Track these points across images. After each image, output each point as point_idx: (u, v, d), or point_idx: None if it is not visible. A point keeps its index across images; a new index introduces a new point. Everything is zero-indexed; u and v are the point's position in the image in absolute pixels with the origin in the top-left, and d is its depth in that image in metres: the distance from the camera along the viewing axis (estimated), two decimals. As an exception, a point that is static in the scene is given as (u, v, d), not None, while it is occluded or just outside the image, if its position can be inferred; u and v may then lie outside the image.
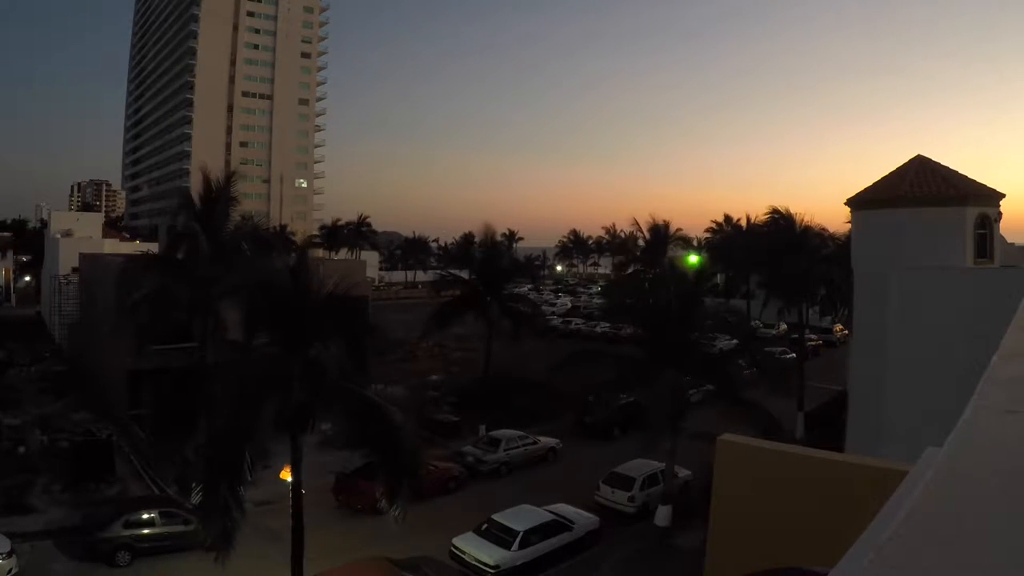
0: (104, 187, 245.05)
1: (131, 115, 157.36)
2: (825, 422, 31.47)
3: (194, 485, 23.03)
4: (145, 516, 20.91)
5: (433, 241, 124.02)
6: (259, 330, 17.72)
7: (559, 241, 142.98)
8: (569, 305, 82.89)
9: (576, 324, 64.11)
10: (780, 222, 37.73)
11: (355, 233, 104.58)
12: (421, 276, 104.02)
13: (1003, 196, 22.96)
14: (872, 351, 22.04)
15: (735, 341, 29.67)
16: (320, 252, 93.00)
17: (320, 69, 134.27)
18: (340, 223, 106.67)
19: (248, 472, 14.55)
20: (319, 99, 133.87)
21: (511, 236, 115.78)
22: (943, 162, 23.30)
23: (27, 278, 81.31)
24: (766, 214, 39.63)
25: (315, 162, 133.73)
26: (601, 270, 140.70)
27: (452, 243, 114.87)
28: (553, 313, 69.82)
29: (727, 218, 76.69)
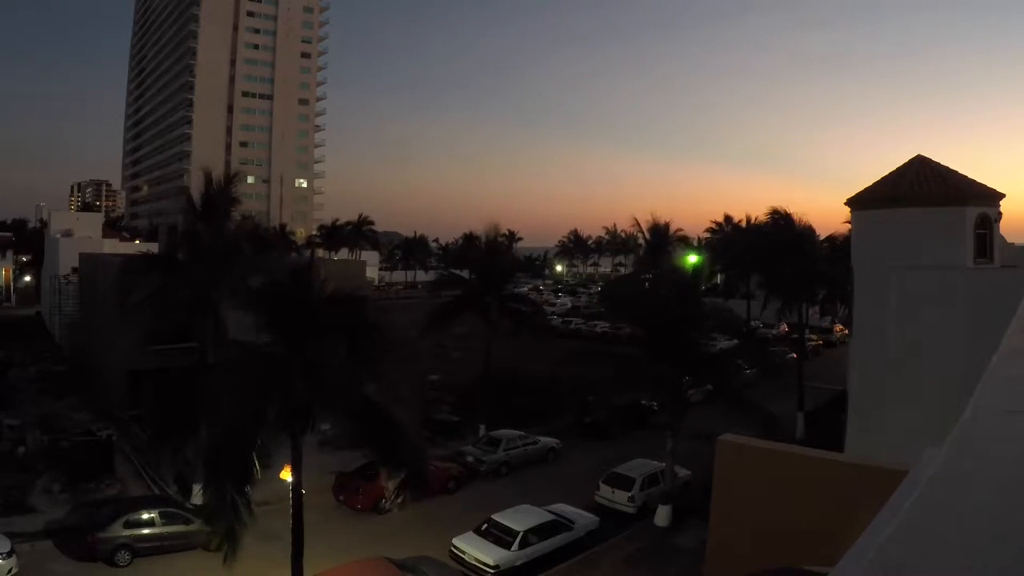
0: (104, 187, 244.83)
1: (131, 115, 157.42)
2: (825, 422, 31.47)
3: (194, 485, 23.12)
4: (145, 516, 20.87)
5: (433, 241, 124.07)
6: (260, 330, 17.68)
7: (559, 241, 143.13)
8: (569, 305, 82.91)
9: (576, 324, 64.17)
10: (780, 222, 37.74)
11: (355, 233, 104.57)
12: (421, 276, 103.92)
13: (1003, 196, 22.94)
14: (872, 351, 22.04)
15: (735, 341, 29.72)
16: (320, 252, 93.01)
17: (320, 69, 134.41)
18: (340, 223, 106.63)
19: (256, 471, 14.56)
20: (319, 99, 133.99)
21: (511, 236, 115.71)
22: (943, 162, 23.31)
23: (27, 278, 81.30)
24: (766, 214, 39.69)
25: (315, 162, 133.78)
26: (601, 270, 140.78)
27: (452, 243, 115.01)
28: (553, 313, 69.83)
29: (727, 218, 76.76)
